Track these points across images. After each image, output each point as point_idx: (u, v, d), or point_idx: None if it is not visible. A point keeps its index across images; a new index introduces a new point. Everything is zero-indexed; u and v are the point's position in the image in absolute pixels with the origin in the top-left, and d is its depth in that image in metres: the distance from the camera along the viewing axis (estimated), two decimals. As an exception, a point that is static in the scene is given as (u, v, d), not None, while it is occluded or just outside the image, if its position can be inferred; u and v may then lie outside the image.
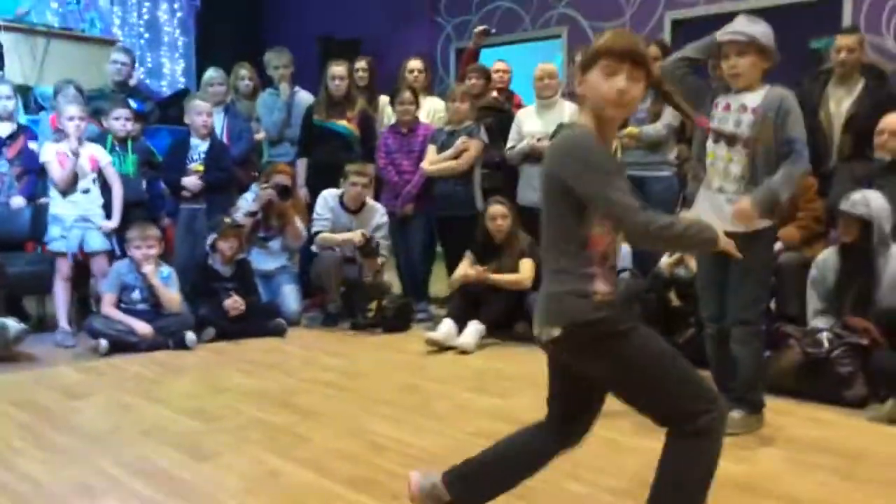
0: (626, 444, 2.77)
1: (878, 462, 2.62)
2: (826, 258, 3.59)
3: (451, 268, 4.84)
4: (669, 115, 4.45)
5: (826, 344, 3.29)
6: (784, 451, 2.72)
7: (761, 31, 2.81)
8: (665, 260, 4.02)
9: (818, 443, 2.81)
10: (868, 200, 3.35)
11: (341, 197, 4.86)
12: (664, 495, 1.83)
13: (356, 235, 4.71)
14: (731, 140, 2.89)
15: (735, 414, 2.88)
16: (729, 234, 2.86)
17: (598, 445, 2.71)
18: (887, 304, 3.35)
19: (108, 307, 4.20)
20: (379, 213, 4.94)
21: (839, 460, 2.63)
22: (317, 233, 4.85)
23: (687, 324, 3.84)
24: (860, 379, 3.23)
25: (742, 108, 2.88)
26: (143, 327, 4.14)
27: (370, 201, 4.95)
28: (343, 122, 5.19)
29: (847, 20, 5.76)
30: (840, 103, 4.29)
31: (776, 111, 2.80)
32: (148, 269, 4.23)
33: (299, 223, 4.99)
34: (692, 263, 3.88)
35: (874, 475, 2.50)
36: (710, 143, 2.95)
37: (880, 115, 3.95)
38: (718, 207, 2.91)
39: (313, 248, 4.93)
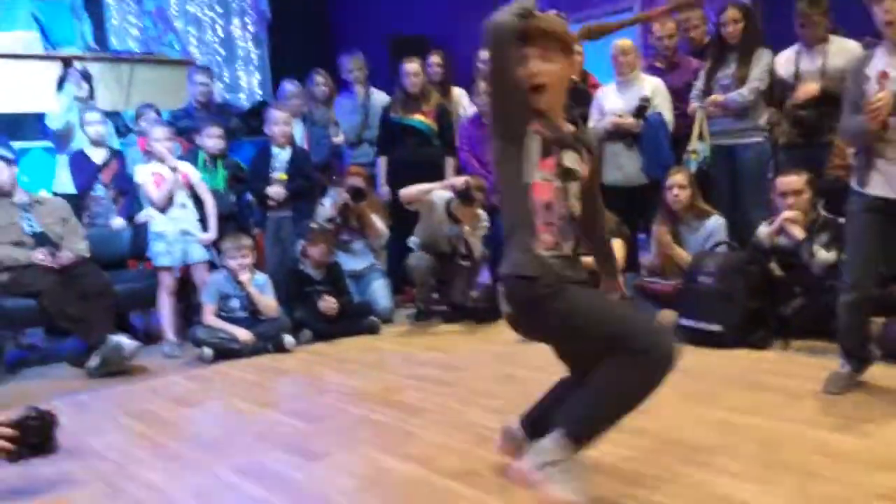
0: (738, 423, 2.67)
1: None
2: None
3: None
4: (756, 79, 4.27)
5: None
6: (911, 421, 2.57)
7: None
8: (763, 229, 3.86)
9: (948, 410, 2.64)
10: None
11: (449, 202, 4.73)
12: (585, 398, 1.93)
13: (458, 180, 4.61)
14: None
15: None
16: None
17: (709, 428, 2.64)
18: None
19: (209, 317, 4.34)
20: (483, 221, 4.88)
21: (975, 428, 2.47)
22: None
23: (793, 293, 3.68)
24: None
25: None
26: (244, 334, 4.26)
27: (479, 210, 4.83)
28: (420, 118, 5.20)
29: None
30: None
31: None
32: (244, 277, 4.35)
33: (378, 222, 5.04)
34: (795, 231, 3.71)
35: None
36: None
37: None
38: None
39: (410, 242, 4.94)
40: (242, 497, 2.40)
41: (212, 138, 4.92)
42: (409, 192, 4.71)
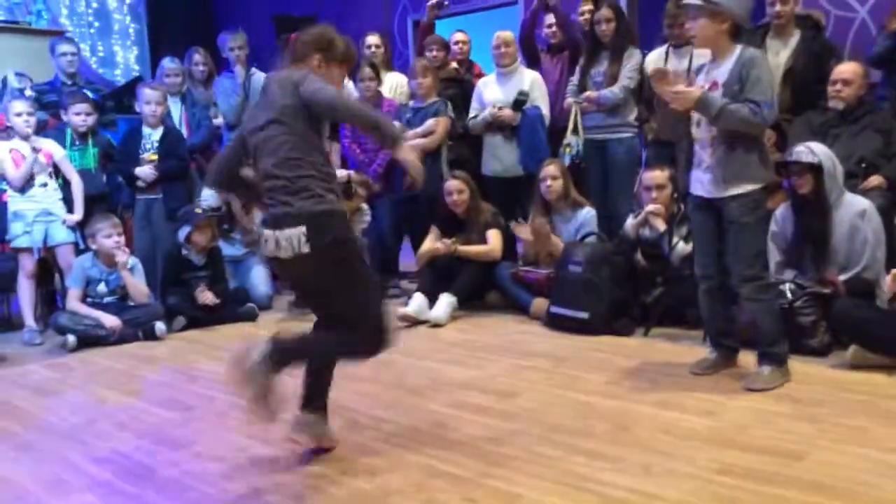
0: (596, 405, 2.81)
1: (841, 408, 2.67)
2: (784, 212, 3.63)
3: (417, 245, 4.83)
4: (626, 78, 4.45)
5: (789, 295, 3.34)
6: (749, 402, 2.76)
7: None
8: (630, 221, 4.05)
9: (783, 392, 2.85)
10: (811, 148, 3.39)
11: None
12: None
13: (341, 174, 4.61)
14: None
15: (764, 370, 2.92)
16: (715, 199, 2.88)
17: (569, 410, 2.76)
18: (843, 255, 3.42)
19: (73, 302, 4.15)
20: (365, 215, 4.90)
21: (804, 408, 2.68)
22: None
23: (654, 282, 3.88)
24: (822, 327, 3.30)
25: (713, 84, 2.87)
26: (111, 320, 4.09)
27: (362, 204, 4.86)
28: (305, 99, 5.11)
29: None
30: (777, 55, 4.26)
31: (740, 81, 2.80)
32: (122, 258, 4.17)
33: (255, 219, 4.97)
34: (657, 223, 3.91)
35: (839, 421, 2.56)
36: (693, 127, 2.96)
37: (818, 67, 3.98)
38: (706, 182, 2.90)
39: None
40: (97, 486, 2.33)
41: (80, 115, 4.67)
42: None
